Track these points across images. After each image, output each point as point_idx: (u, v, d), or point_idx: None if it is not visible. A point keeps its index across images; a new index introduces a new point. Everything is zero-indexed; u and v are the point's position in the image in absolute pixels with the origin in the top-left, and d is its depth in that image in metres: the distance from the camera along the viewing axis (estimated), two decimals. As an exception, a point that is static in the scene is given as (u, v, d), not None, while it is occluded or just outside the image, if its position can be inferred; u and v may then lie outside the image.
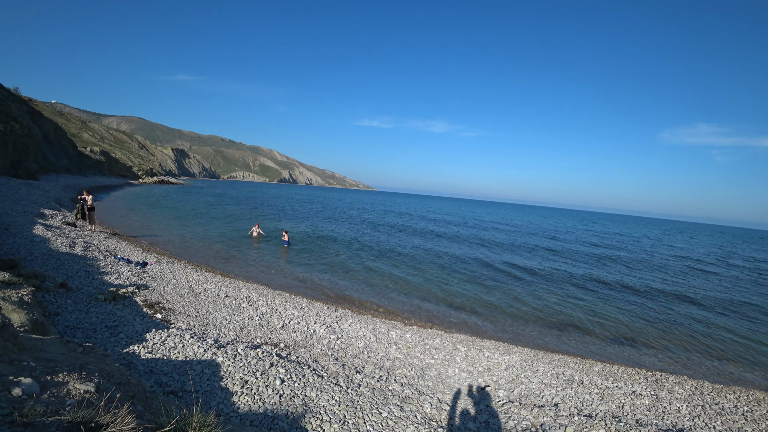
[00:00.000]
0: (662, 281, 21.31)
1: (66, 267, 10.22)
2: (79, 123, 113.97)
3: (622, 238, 53.22)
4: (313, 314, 9.99)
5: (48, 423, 2.05)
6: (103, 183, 57.26)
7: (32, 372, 2.61)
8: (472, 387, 7.01)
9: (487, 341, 10.00)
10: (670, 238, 63.78)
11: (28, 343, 3.17)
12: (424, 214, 65.19)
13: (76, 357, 3.31)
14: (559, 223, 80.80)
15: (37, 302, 5.05)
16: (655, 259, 31.72)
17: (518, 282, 17.55)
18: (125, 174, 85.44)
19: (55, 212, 19.63)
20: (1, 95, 42.58)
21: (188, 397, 4.52)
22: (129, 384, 3.21)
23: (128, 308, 7.97)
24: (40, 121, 51.70)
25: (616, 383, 7.59)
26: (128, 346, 5.92)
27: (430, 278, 16.64)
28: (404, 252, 22.94)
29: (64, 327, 6.43)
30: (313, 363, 6.61)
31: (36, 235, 13.15)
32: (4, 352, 2.72)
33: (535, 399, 6.66)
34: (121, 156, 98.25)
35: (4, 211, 16.17)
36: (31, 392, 2.33)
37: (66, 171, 53.66)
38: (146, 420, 2.73)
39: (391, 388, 6.16)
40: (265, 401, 4.80)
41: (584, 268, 23.05)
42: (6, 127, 31.48)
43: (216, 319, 8.68)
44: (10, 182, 26.39)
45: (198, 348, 5.99)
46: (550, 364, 8.61)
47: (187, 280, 11.37)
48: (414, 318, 11.57)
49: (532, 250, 29.40)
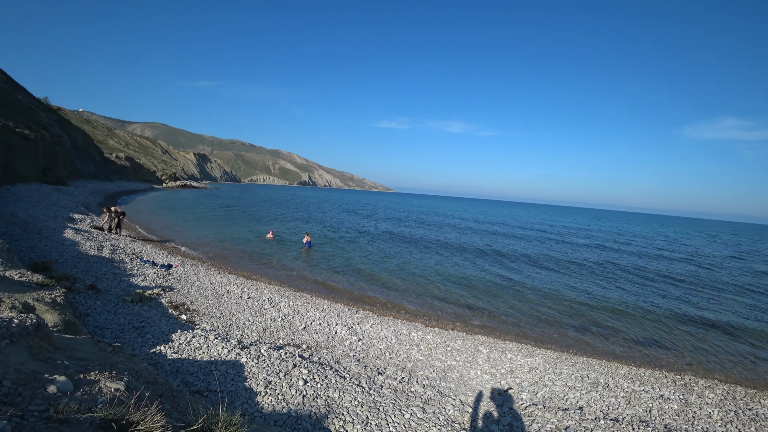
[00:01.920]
0: (687, 281, 20.66)
1: (95, 269, 10.51)
2: (105, 130, 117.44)
3: (643, 236, 51.88)
4: (335, 316, 10.03)
5: (81, 419, 2.10)
6: (128, 188, 58.79)
7: (66, 370, 2.68)
8: (494, 389, 6.92)
9: (509, 343, 9.87)
10: (688, 236, 61.88)
11: (62, 342, 3.26)
12: (443, 215, 64.85)
13: (106, 356, 3.39)
14: (575, 221, 79.28)
15: (69, 303, 5.20)
16: (679, 257, 30.80)
17: (540, 283, 17.27)
18: (149, 179, 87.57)
19: (83, 216, 20.24)
20: (32, 105, 44.19)
21: (214, 396, 4.58)
22: (157, 383, 3.27)
23: (154, 309, 8.15)
24: (68, 129, 53.45)
25: (643, 387, 7.39)
26: (155, 346, 6.04)
27: (450, 279, 16.52)
28: (424, 254, 22.86)
29: (94, 327, 6.61)
30: (335, 364, 6.63)
31: (66, 238, 13.58)
32: (39, 351, 2.80)
33: (559, 402, 6.53)
34: (145, 161, 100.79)
35: (36, 216, 16.75)
36: (65, 390, 2.39)
37: (93, 177, 55.28)
38: (174, 418, 2.78)
39: (413, 390, 6.12)
40: (289, 401, 4.83)
41: (605, 268, 22.54)
42: (37, 136, 32.65)
43: (239, 320, 8.79)
44: (41, 188, 27.33)
45: (222, 348, 6.07)
46: (574, 366, 8.43)
47: (211, 282, 11.56)
48: (435, 319, 11.50)
49: (552, 250, 28.89)
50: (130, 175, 77.31)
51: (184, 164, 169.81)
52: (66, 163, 42.79)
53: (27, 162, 29.79)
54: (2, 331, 2.57)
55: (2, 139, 25.46)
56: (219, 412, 2.81)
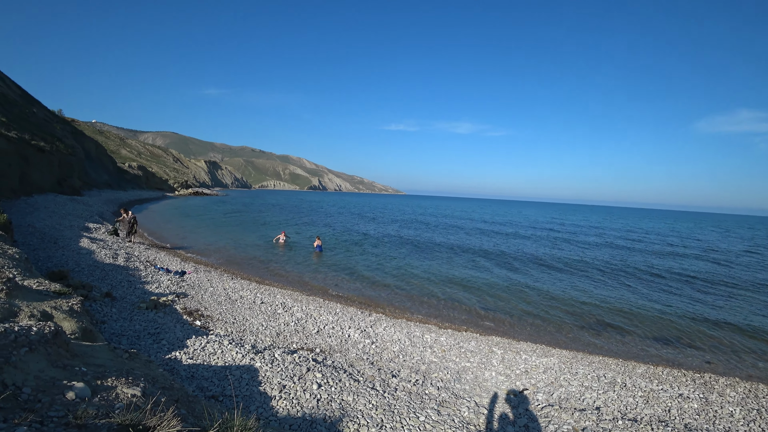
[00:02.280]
0: (703, 278, 20.28)
1: (110, 277, 10.67)
2: (117, 140, 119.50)
3: (657, 233, 51.06)
4: (347, 319, 10.03)
5: (99, 425, 2.12)
6: (141, 196, 59.63)
7: (84, 377, 2.71)
8: (509, 390, 6.85)
9: (523, 343, 9.77)
10: (703, 232, 60.69)
11: (79, 349, 3.31)
12: (452, 216, 64.63)
13: (122, 363, 3.43)
14: (587, 219, 78.32)
15: (85, 311, 5.28)
16: (692, 253, 30.24)
17: (552, 283, 17.10)
18: (162, 187, 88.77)
19: (98, 225, 20.58)
20: (47, 117, 45.12)
21: (229, 401, 4.61)
22: (173, 388, 3.30)
23: (169, 316, 8.24)
24: (82, 140, 54.51)
25: (661, 386, 7.25)
26: (170, 352, 6.10)
27: (463, 281, 16.44)
28: (435, 255, 22.79)
29: (110, 334, 6.70)
30: (349, 367, 6.62)
31: (82, 247, 13.81)
32: (57, 358, 2.84)
33: (576, 402, 6.44)
34: (157, 170, 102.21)
35: (53, 226, 17.06)
36: (83, 396, 2.43)
37: (107, 186, 56.21)
38: (190, 423, 2.80)
39: (427, 392, 6.09)
40: (303, 405, 4.83)
41: (618, 267, 22.23)
42: (52, 147, 33.32)
43: (253, 325, 8.84)
44: (57, 198, 27.85)
45: (236, 354, 6.11)
46: (590, 366, 8.32)
47: (224, 287, 11.65)
48: (448, 321, 11.44)
49: (564, 248, 28.61)
50: (143, 183, 78.48)
51: (196, 172, 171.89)
52: (80, 173, 43.59)
53: (43, 173, 30.41)
54: (22, 339, 2.62)
55: (19, 152, 26.01)
56: (234, 417, 2.83)
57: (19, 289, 4.84)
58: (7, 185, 23.40)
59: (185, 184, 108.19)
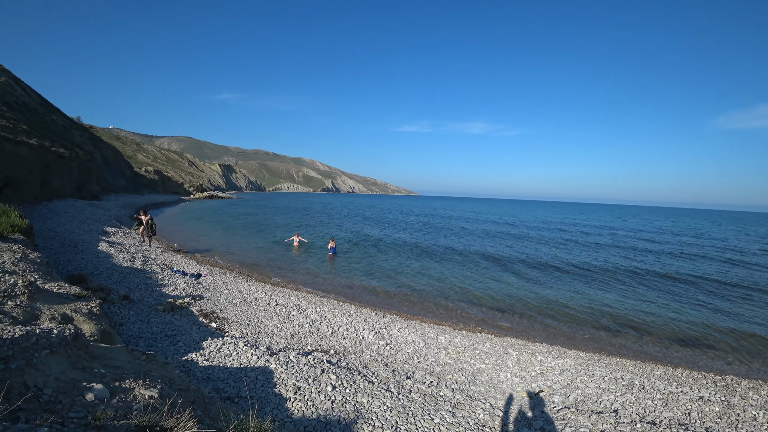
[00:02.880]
0: (725, 276, 19.80)
1: (128, 280, 10.85)
2: (133, 145, 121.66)
3: (673, 232, 50.02)
4: (362, 320, 10.04)
5: (118, 426, 2.15)
6: (157, 200, 60.58)
7: (102, 378, 2.76)
8: (525, 392, 6.78)
9: (539, 345, 9.66)
10: (719, 230, 59.21)
11: (98, 351, 3.36)
12: (466, 216, 64.32)
13: (140, 364, 3.48)
14: (601, 219, 77.14)
15: (104, 314, 5.37)
16: (712, 252, 29.54)
17: (568, 283, 16.88)
18: (177, 191, 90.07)
19: (116, 229, 20.96)
20: (66, 124, 46.15)
21: (244, 402, 4.64)
22: (189, 390, 3.34)
23: (185, 318, 8.34)
24: (99, 145, 55.64)
25: (681, 388, 7.09)
26: (186, 354, 6.17)
27: (476, 281, 16.33)
28: (448, 256, 22.69)
29: (128, 336, 6.81)
30: (364, 369, 6.63)
31: (100, 251, 14.08)
32: (77, 360, 2.90)
33: (593, 405, 6.33)
34: (173, 174, 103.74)
35: (73, 230, 17.43)
36: (102, 397, 2.47)
37: (124, 191, 57.28)
38: (206, 425, 2.83)
39: (442, 394, 6.06)
40: (318, 407, 4.85)
41: (633, 265, 21.84)
42: (71, 154, 34.07)
43: (267, 327, 8.91)
44: (76, 203, 28.47)
45: (251, 355, 6.15)
46: (607, 367, 8.18)
47: (239, 290, 11.77)
48: (462, 322, 11.37)
49: (577, 249, 28.23)
50: (159, 188, 79.71)
51: (210, 175, 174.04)
52: (98, 178, 44.50)
53: (63, 179, 31.11)
54: (43, 342, 2.68)
55: (40, 158, 26.66)
56: (249, 419, 2.85)
57: (40, 292, 4.95)
58: (28, 191, 24.00)
59: (200, 187, 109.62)
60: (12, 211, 10.47)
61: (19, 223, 9.45)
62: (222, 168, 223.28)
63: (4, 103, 30.52)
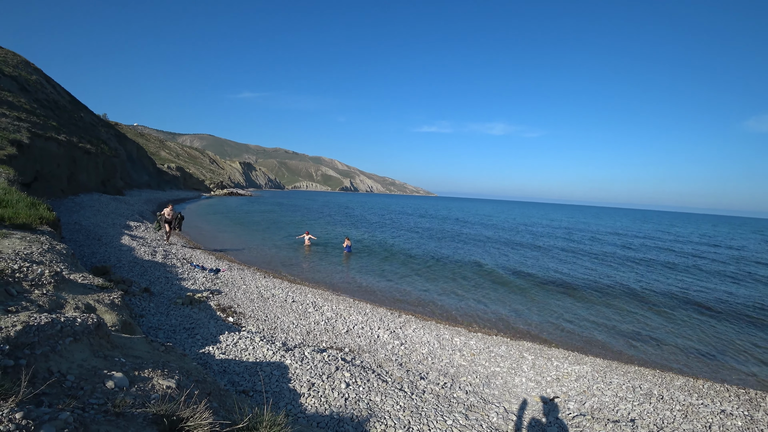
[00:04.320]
0: (747, 286, 19.16)
1: (149, 273, 11.10)
2: (157, 142, 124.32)
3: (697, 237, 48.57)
4: (377, 319, 10.05)
5: (136, 414, 2.20)
6: (179, 196, 61.80)
7: (122, 367, 2.83)
8: (540, 397, 6.68)
9: (555, 350, 9.50)
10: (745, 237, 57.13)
11: (119, 341, 3.45)
12: (482, 218, 63.79)
13: (159, 355, 3.56)
14: (631, 225, 75.46)
15: (125, 305, 5.51)
16: (741, 264, 28.60)
17: (586, 288, 16.56)
18: (198, 187, 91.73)
19: (138, 224, 21.47)
20: (93, 122, 47.48)
21: (259, 396, 4.70)
22: (205, 382, 3.39)
23: (203, 312, 8.49)
24: (124, 142, 57.07)
25: (702, 400, 6.87)
26: (204, 346, 6.28)
27: (494, 283, 16.18)
28: (466, 257, 22.52)
29: (148, 328, 6.97)
30: (378, 368, 6.63)
31: (123, 244, 14.43)
32: (99, 349, 2.97)
33: (609, 413, 6.20)
34: (194, 171, 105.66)
35: (97, 224, 17.91)
36: (122, 385, 2.53)
37: (147, 186, 58.63)
38: (221, 416, 2.86)
39: (455, 396, 6.02)
40: (331, 404, 4.87)
41: (657, 272, 21.31)
42: (97, 150, 35.02)
43: (283, 323, 8.99)
44: (101, 198, 29.25)
45: (267, 350, 6.22)
46: (625, 376, 7.99)
47: (257, 285, 11.91)
48: (478, 324, 11.28)
49: (598, 254, 27.69)
50: (181, 184, 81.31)
51: (231, 173, 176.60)
52: (123, 174, 45.64)
53: (89, 174, 32.01)
54: (67, 330, 2.75)
55: (68, 154, 27.47)
56: (264, 412, 2.87)
57: (65, 282, 5.09)
58: (56, 185, 24.76)
59: (221, 184, 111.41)
60: (41, 204, 10.83)
61: (47, 216, 9.75)
62: (242, 166, 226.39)
63: (35, 101, 31.56)
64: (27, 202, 10.40)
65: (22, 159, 20.27)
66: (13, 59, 37.00)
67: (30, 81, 34.76)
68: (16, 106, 25.95)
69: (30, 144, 21.73)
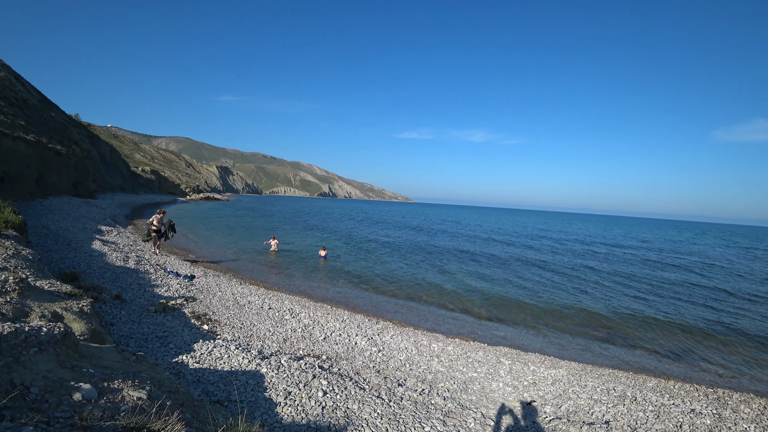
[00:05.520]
0: (717, 288, 19.88)
1: (120, 280, 10.77)
2: (131, 144, 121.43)
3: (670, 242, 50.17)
4: (355, 326, 10.00)
5: (105, 427, 2.13)
6: (153, 200, 60.36)
7: (91, 378, 2.73)
8: (517, 402, 6.76)
9: (532, 354, 9.64)
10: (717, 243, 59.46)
11: (88, 350, 3.33)
12: (458, 225, 64.42)
13: (130, 365, 3.45)
14: (604, 231, 77.40)
15: (95, 313, 5.33)
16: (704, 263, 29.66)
17: (562, 293, 16.90)
18: (174, 191, 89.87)
19: (111, 228, 20.84)
20: (64, 122, 46.01)
21: (234, 406, 4.61)
22: (178, 392, 3.31)
23: (177, 319, 8.28)
24: (97, 144, 55.46)
25: (673, 400, 7.09)
26: (177, 355, 6.13)
27: (471, 289, 16.33)
28: (443, 264, 22.67)
29: (119, 336, 6.75)
30: (355, 375, 6.59)
31: (94, 249, 13.98)
32: (66, 359, 2.87)
33: (584, 416, 6.32)
34: (170, 174, 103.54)
35: (67, 228, 17.31)
36: (90, 397, 2.44)
37: (120, 190, 57.05)
38: (194, 428, 2.80)
39: (433, 402, 6.03)
40: (308, 413, 4.81)
41: (627, 277, 21.90)
42: (68, 151, 33.92)
43: (260, 330, 8.85)
44: (71, 201, 28.30)
45: (243, 359, 6.11)
46: (600, 378, 8.17)
47: (232, 292, 11.70)
48: (455, 330, 11.34)
49: (570, 258, 28.30)
50: (156, 188, 79.49)
51: (207, 177, 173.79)
52: (95, 176, 44.29)
53: (60, 176, 30.94)
54: (32, 339, 2.65)
55: (37, 154, 26.52)
56: (238, 423, 2.83)
57: (31, 289, 4.90)
58: (24, 187, 23.85)
59: (197, 188, 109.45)
60: (6, 206, 10.40)
61: (12, 219, 9.39)
62: (219, 170, 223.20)
63: (2, 98, 30.40)
64: (-9, 205, 10.00)
65: (-13, 160, 19.48)
66: (-21, 56, 35.60)
67: (-3, 78, 33.53)
68: (-18, 105, 24.96)
69: (-4, 144, 20.91)
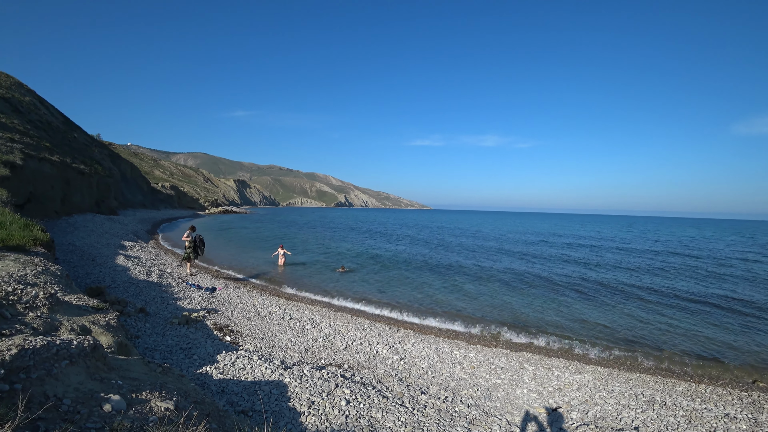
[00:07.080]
0: (744, 290, 19.21)
1: (144, 293, 10.98)
2: (151, 161, 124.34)
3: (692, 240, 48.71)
4: (375, 335, 9.97)
5: (135, 437, 2.16)
6: (173, 215, 61.54)
7: (119, 390, 2.78)
8: (543, 408, 6.62)
9: (555, 359, 9.45)
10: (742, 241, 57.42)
11: (115, 363, 3.39)
12: (477, 230, 63.86)
13: (156, 376, 3.50)
14: (621, 232, 75.76)
15: (121, 326, 5.43)
16: (732, 265, 28.69)
17: (583, 295, 16.55)
18: (193, 206, 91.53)
19: (133, 243, 21.31)
20: (87, 142, 47.44)
21: (258, 416, 4.62)
22: (204, 403, 3.34)
23: (200, 331, 8.39)
24: (118, 162, 57.02)
25: (705, 405, 6.84)
26: (201, 366, 6.19)
27: (491, 295, 16.13)
28: (464, 269, 22.49)
29: (144, 348, 6.87)
30: (378, 384, 6.55)
31: (118, 264, 14.31)
32: (95, 371, 2.93)
33: (613, 422, 6.15)
34: (188, 189, 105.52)
35: (91, 244, 17.77)
36: (119, 408, 2.48)
37: (141, 206, 58.38)
38: (221, 438, 2.82)
39: (457, 410, 5.95)
40: (332, 422, 4.80)
41: (652, 278, 21.33)
42: (91, 170, 34.92)
43: (281, 341, 8.90)
44: (95, 218, 29.07)
45: (266, 369, 6.14)
46: (627, 383, 7.95)
47: (253, 303, 11.80)
48: (477, 336, 11.21)
49: (591, 261, 27.73)
50: (175, 203, 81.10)
51: (225, 191, 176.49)
52: (117, 194, 45.47)
53: (83, 194, 31.85)
54: (63, 352, 2.71)
55: (62, 175, 27.37)
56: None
57: (60, 304, 5.03)
58: (50, 206, 24.60)
59: (215, 202, 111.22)
60: (34, 225, 10.74)
61: (40, 237, 9.67)
62: (236, 183, 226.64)
63: (28, 122, 31.51)
64: (20, 224, 10.32)
65: (15, 180, 20.17)
66: (6, 81, 37.06)
67: (23, 102, 34.76)
68: (9, 128, 25.89)
69: (23, 165, 21.65)
